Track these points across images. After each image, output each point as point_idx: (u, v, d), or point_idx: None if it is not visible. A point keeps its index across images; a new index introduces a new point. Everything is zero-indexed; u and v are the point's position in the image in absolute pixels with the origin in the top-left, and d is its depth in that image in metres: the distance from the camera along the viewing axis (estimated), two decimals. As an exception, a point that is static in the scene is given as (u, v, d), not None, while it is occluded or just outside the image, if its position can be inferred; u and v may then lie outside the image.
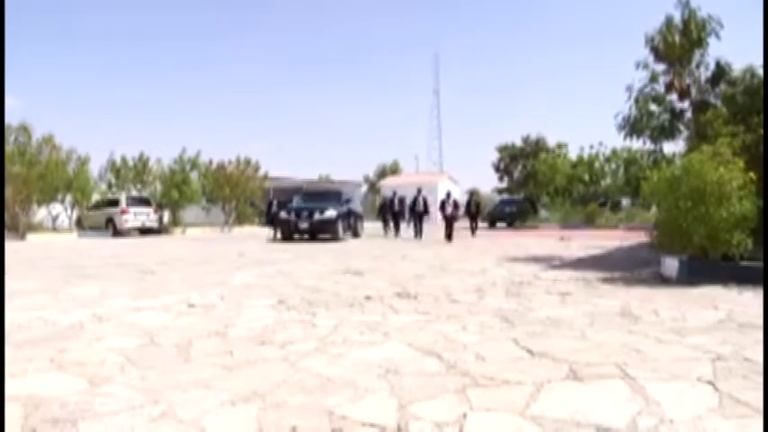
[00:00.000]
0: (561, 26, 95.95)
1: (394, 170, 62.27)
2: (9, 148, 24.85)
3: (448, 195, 19.20)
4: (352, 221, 19.56)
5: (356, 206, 21.20)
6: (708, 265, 7.54)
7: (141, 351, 3.91)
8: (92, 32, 78.92)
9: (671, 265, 7.81)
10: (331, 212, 17.79)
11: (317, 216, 17.60)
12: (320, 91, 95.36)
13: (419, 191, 20.77)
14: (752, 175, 7.73)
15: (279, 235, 19.32)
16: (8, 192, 22.27)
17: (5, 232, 20.92)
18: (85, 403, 2.84)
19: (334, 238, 17.67)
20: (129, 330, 4.59)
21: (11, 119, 26.86)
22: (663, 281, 7.58)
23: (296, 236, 18.11)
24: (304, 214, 17.80)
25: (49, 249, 15.17)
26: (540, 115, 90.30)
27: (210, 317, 5.17)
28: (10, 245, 17.21)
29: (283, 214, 18.42)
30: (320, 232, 17.71)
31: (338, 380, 3.19)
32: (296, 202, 19.73)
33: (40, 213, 25.98)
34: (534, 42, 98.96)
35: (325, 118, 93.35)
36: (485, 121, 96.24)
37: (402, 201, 21.84)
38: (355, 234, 19.99)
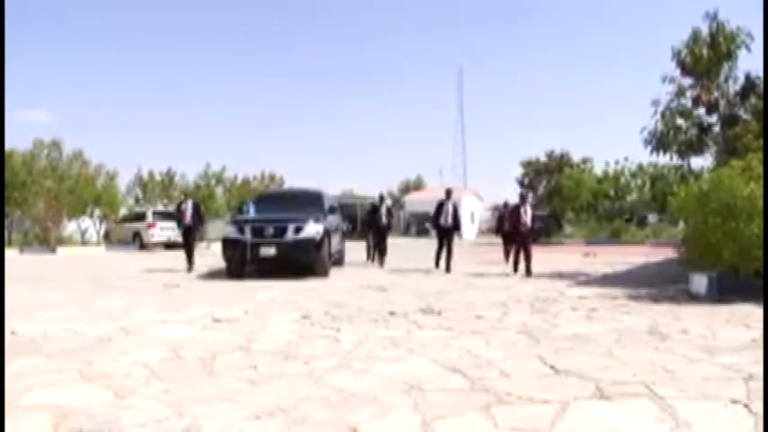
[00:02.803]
0: (586, 40, 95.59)
1: (417, 185, 62.21)
2: (42, 163, 25.59)
3: (523, 198, 12.21)
4: (336, 243, 12.47)
5: (339, 220, 13.39)
6: (739, 283, 7.36)
7: (166, 364, 3.96)
8: (119, 46, 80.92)
9: (699, 281, 7.64)
10: (314, 228, 10.61)
11: (290, 235, 10.45)
12: (343, 105, 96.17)
13: (448, 193, 12.61)
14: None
15: (192, 263, 12.36)
16: (40, 206, 22.88)
17: (37, 245, 21.43)
18: (112, 415, 2.88)
19: (320, 271, 10.56)
20: (155, 343, 4.64)
21: (42, 134, 27.69)
22: (691, 298, 7.42)
23: (249, 267, 10.78)
24: (268, 231, 10.52)
25: (79, 262, 15.46)
26: (564, 130, 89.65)
27: (235, 331, 5.21)
28: (41, 257, 17.60)
29: (231, 231, 10.96)
30: (296, 261, 10.58)
31: (362, 395, 3.17)
32: (251, 209, 12.40)
33: (70, 227, 26.57)
34: (559, 56, 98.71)
35: (348, 132, 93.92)
36: (509, 135, 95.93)
37: (390, 211, 14.67)
38: (337, 262, 12.89)
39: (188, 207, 12.78)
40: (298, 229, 10.55)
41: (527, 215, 11.41)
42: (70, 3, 72.33)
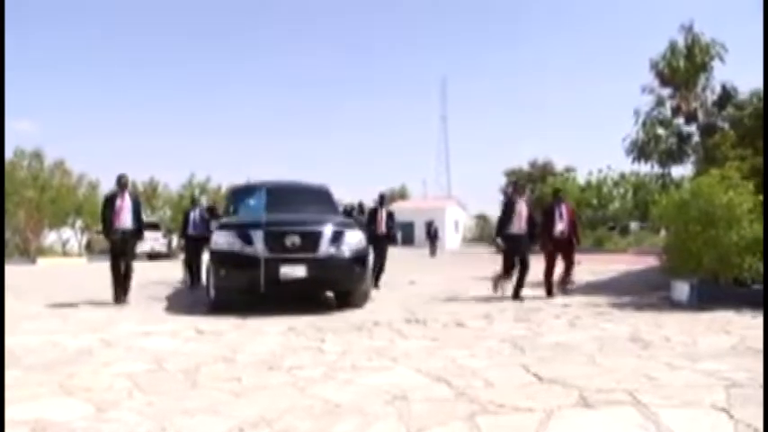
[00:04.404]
0: (569, 49, 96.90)
1: (402, 195, 62.32)
2: (23, 173, 25.27)
3: (558, 199, 9.18)
4: None
5: None
6: (719, 290, 7.46)
7: (149, 376, 3.91)
8: (105, 55, 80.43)
9: (681, 289, 7.73)
10: (356, 237, 7.50)
11: (325, 247, 7.11)
12: (328, 115, 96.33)
13: (516, 187, 9.87)
14: (761, 198, 7.70)
15: (125, 292, 8.38)
16: (20, 216, 22.56)
17: (17, 256, 21.10)
18: (93, 429, 2.84)
19: (360, 299, 7.54)
20: (138, 355, 4.59)
21: (25, 144, 27.42)
22: (673, 305, 7.50)
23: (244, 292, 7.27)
24: (292, 241, 7.04)
25: (60, 273, 15.25)
26: (548, 139, 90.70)
27: (219, 342, 5.16)
28: (21, 268, 17.32)
29: (226, 240, 7.17)
30: (333, 287, 7.63)
31: (346, 406, 3.16)
32: (251, 204, 7.87)
33: (51, 237, 26.25)
34: (542, 66, 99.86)
35: (332, 142, 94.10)
36: (492, 145, 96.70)
37: (391, 216, 10.87)
38: None
39: (125, 204, 8.07)
40: (336, 238, 7.22)
41: (563, 219, 8.74)
42: (55, 12, 71.76)
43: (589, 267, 15.57)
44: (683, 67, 12.35)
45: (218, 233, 7.38)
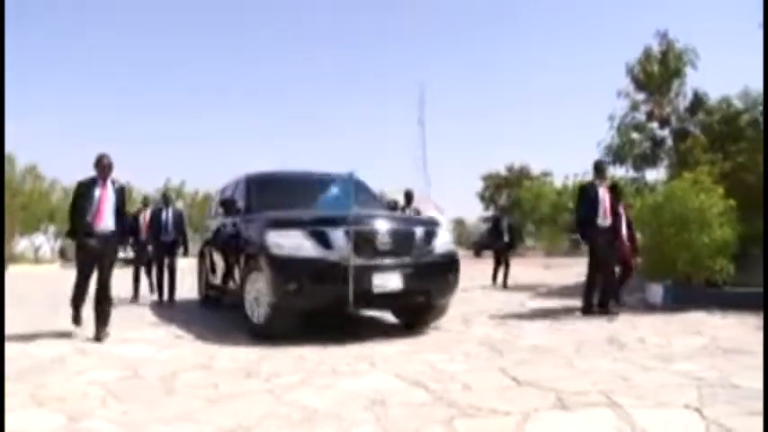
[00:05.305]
0: (545, 55, 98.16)
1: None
2: (-8, 179, 24.76)
3: (617, 191, 7.76)
4: None
5: None
6: (692, 291, 7.61)
7: (124, 384, 3.85)
8: (84, 57, 79.12)
9: (656, 291, 7.86)
10: (446, 237, 6.06)
11: (418, 249, 5.63)
12: (309, 118, 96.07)
13: (599, 168, 7.42)
14: (731, 201, 7.87)
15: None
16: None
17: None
18: (66, 439, 2.78)
19: (436, 314, 6.10)
20: (112, 363, 4.51)
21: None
22: (648, 307, 7.62)
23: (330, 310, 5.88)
24: (382, 241, 5.47)
25: (32, 281, 14.95)
26: (524, 144, 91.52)
27: (196, 349, 5.10)
28: (-9, 277, 16.94)
29: (285, 241, 5.30)
30: (423, 297, 5.69)
31: (324, 411, 3.15)
32: (324, 198, 6.02)
33: (22, 244, 25.76)
34: (520, 71, 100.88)
35: (310, 147, 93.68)
36: (470, 149, 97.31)
37: (419, 214, 9.22)
38: None
39: (107, 196, 5.86)
40: (428, 239, 5.80)
41: (621, 219, 7.54)
42: (35, 14, 70.40)
43: (566, 271, 15.74)
44: (658, 73, 12.61)
45: (277, 233, 5.45)
